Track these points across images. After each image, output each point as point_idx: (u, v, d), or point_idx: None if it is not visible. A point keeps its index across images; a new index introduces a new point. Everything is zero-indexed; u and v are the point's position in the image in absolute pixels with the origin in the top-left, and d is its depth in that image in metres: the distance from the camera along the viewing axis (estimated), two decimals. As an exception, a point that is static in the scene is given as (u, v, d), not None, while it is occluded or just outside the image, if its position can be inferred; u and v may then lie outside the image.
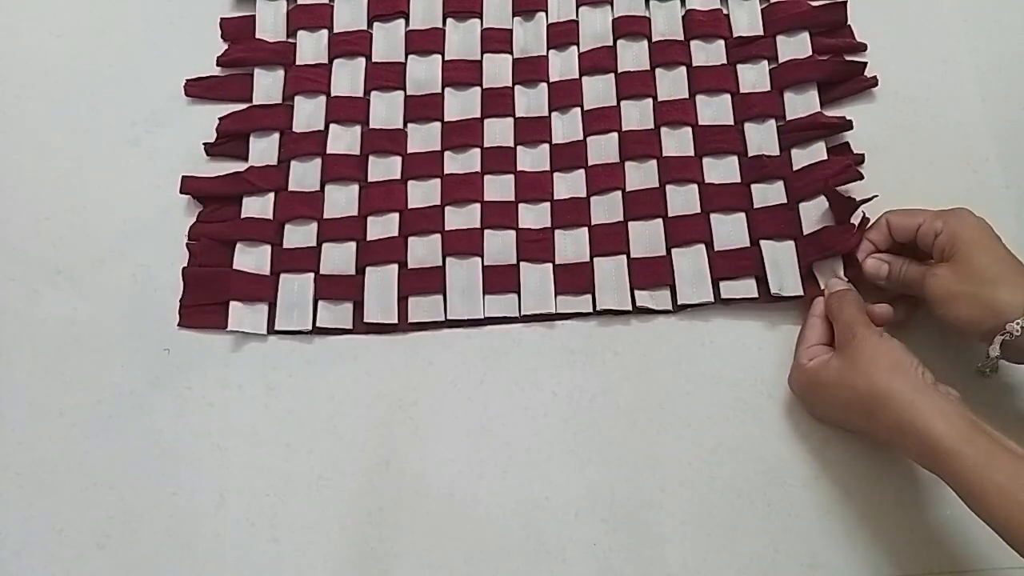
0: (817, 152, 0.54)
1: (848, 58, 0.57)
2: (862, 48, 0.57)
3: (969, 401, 0.43)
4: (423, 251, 0.54)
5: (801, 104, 0.56)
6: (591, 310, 0.52)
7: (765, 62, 0.57)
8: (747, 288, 0.52)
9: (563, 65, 0.58)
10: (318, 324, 0.52)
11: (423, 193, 0.55)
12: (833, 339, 0.48)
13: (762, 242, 0.52)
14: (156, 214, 0.56)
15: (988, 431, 0.40)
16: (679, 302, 0.52)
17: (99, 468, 0.50)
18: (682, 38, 0.58)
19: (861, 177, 0.52)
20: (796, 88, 0.56)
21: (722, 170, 0.55)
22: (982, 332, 0.44)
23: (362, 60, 0.59)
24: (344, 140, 0.57)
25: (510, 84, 0.58)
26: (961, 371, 0.48)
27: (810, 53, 0.57)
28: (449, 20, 0.59)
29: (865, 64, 0.56)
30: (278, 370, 0.52)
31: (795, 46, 0.57)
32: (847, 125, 0.55)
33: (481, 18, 0.59)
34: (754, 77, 0.57)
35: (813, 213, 0.52)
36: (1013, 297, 0.43)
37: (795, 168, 0.54)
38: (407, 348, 0.52)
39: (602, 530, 0.48)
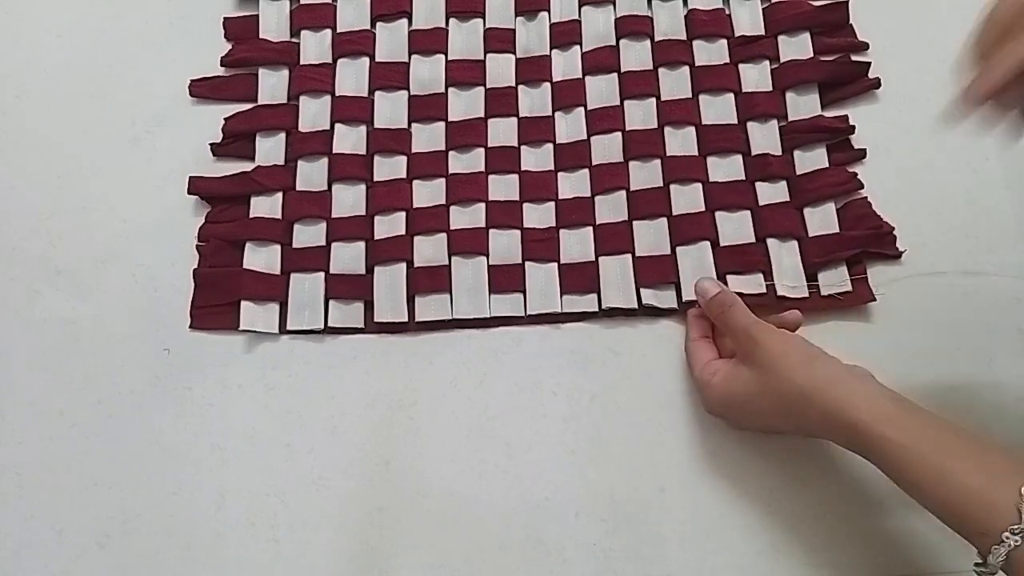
0: (819, 157, 0.54)
1: (852, 59, 0.57)
2: (863, 48, 0.57)
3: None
4: (430, 250, 0.53)
5: (803, 105, 0.56)
6: (597, 309, 0.52)
7: (767, 62, 0.57)
8: (755, 283, 0.51)
9: (566, 65, 0.58)
10: (330, 323, 0.52)
11: (429, 193, 0.55)
12: (721, 353, 0.48)
13: (768, 240, 0.52)
14: (157, 214, 0.56)
15: (911, 405, 0.39)
16: (684, 299, 0.52)
17: (99, 468, 0.50)
18: (684, 38, 0.58)
19: (861, 186, 0.53)
20: (798, 89, 0.56)
21: (726, 169, 0.55)
22: None
23: (366, 60, 0.59)
24: (350, 140, 0.57)
25: (513, 84, 0.58)
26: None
27: (811, 54, 0.57)
28: (452, 20, 0.59)
29: (869, 65, 0.56)
30: (278, 370, 0.52)
31: (796, 46, 0.57)
32: (849, 128, 0.55)
33: (484, 18, 0.59)
34: (756, 77, 0.57)
35: (817, 218, 0.53)
36: None
37: (798, 172, 0.54)
38: (407, 348, 0.52)
39: (602, 530, 0.48)
